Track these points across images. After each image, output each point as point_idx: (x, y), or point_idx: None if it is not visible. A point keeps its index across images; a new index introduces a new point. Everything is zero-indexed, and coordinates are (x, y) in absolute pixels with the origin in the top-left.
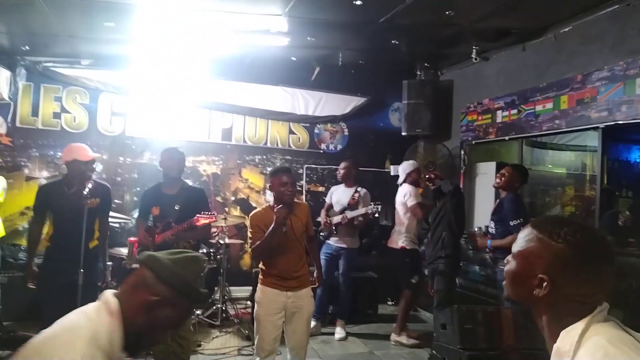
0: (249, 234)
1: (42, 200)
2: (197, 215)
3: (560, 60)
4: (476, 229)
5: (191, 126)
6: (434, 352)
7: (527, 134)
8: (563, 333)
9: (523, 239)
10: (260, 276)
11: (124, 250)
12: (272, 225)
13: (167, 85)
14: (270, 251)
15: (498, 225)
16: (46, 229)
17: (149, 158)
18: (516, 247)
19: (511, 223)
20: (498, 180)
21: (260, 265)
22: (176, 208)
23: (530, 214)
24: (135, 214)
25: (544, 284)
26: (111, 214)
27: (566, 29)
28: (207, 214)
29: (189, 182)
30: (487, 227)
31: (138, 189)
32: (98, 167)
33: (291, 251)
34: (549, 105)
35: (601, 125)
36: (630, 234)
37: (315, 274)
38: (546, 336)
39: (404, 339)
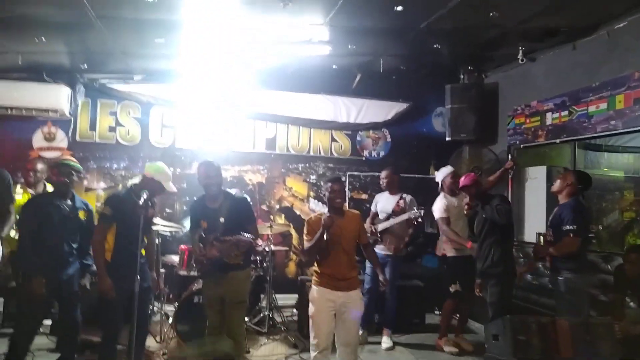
0: (304, 237)
1: (114, 209)
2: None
3: (614, 58)
4: (540, 237)
5: (236, 136)
6: None
7: (579, 137)
8: None
9: None
10: (314, 277)
11: (176, 258)
12: (320, 230)
13: (213, 97)
14: (319, 252)
15: (555, 232)
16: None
17: (197, 168)
18: None
19: (564, 228)
20: (557, 187)
21: (314, 268)
22: (221, 221)
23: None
24: (185, 222)
25: None
26: (162, 222)
27: (620, 25)
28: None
29: (232, 191)
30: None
31: (187, 198)
32: None
33: (341, 254)
34: (603, 106)
35: None
36: None
37: (380, 278)
38: None
39: (444, 345)
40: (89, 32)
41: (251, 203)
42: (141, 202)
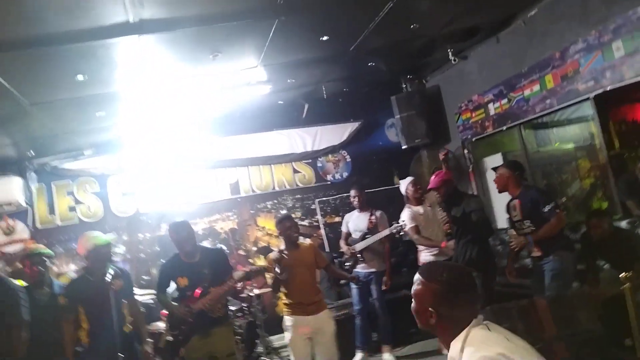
0: (267, 274)
1: (71, 297)
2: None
3: (535, 43)
4: (508, 235)
5: (199, 188)
6: None
7: (522, 120)
8: (452, 344)
9: (414, 282)
10: (285, 308)
11: (162, 325)
12: (277, 270)
13: (167, 156)
14: (281, 285)
15: (533, 221)
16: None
17: (166, 229)
18: (412, 290)
19: (545, 210)
20: (501, 186)
21: (283, 299)
22: (206, 273)
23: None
24: None
25: (432, 314)
26: (143, 290)
27: (533, 13)
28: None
29: (206, 244)
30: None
31: (162, 260)
32: (121, 248)
33: (303, 282)
34: (536, 88)
35: (591, 95)
36: None
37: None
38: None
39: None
40: (27, 120)
41: (227, 251)
42: (108, 278)
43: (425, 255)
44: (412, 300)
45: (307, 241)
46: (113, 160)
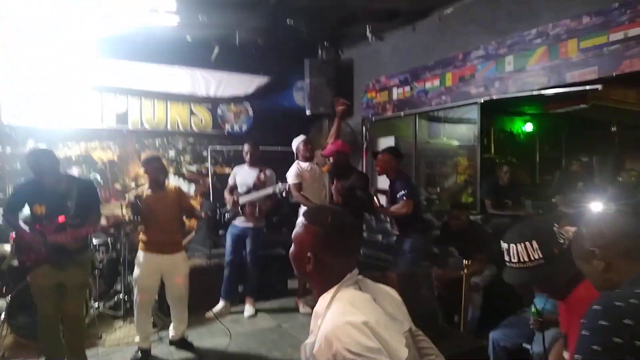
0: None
1: None
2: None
3: (444, 40)
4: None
5: (81, 110)
6: None
7: (419, 110)
8: (320, 298)
9: (297, 226)
10: (140, 244)
11: (8, 247)
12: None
13: (48, 67)
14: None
15: (392, 202)
16: None
17: (34, 147)
18: (293, 234)
19: (398, 195)
20: (382, 169)
21: (141, 236)
22: (69, 205)
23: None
24: None
25: (311, 260)
26: None
27: (448, 11)
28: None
29: (73, 173)
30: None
31: (23, 179)
32: None
33: (164, 223)
34: (437, 83)
35: (480, 100)
36: (508, 195)
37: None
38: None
39: (300, 305)
40: None
41: (102, 182)
42: None
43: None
44: (292, 245)
45: (174, 186)
46: None
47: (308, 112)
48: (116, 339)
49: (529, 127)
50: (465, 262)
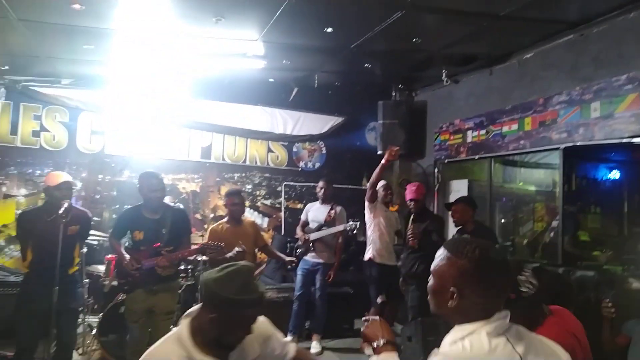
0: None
1: (23, 228)
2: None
3: (523, 84)
4: None
5: (171, 144)
6: None
7: (495, 154)
8: (456, 327)
9: (437, 258)
10: None
11: (102, 268)
12: (230, 255)
13: (147, 104)
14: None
15: None
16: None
17: (128, 176)
18: (432, 266)
19: None
20: (460, 221)
21: None
22: (163, 232)
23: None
24: None
25: (454, 295)
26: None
27: (528, 55)
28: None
29: (169, 202)
30: None
31: (117, 206)
32: (77, 185)
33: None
34: (514, 127)
35: (561, 146)
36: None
37: (286, 260)
38: None
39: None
40: (11, 34)
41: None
42: (61, 211)
43: (369, 252)
44: (431, 278)
45: (254, 219)
46: (90, 96)
47: (379, 152)
48: None
49: (615, 174)
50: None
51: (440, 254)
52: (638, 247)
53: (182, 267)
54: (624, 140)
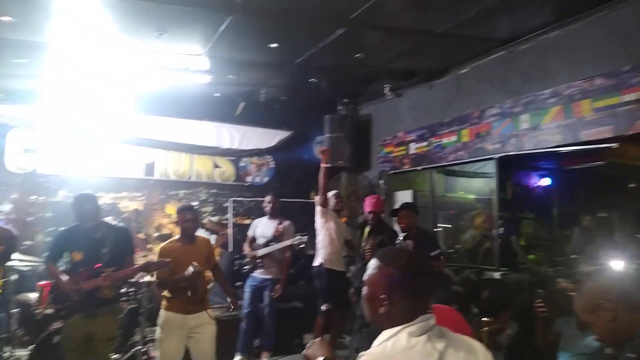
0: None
1: None
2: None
3: (460, 98)
4: None
5: (111, 161)
6: None
7: (436, 165)
8: (383, 332)
9: (369, 268)
10: (163, 302)
11: (34, 296)
12: (188, 276)
13: (85, 120)
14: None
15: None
16: None
17: (65, 196)
18: (366, 276)
19: (432, 253)
20: (404, 225)
21: (164, 293)
22: (104, 252)
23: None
24: None
25: (385, 302)
26: (21, 256)
27: (464, 71)
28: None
29: (111, 221)
30: None
31: (52, 228)
32: (6, 207)
33: (193, 280)
34: (453, 138)
35: (496, 156)
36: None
37: (230, 301)
38: None
39: None
40: None
41: None
42: None
43: (320, 257)
44: (364, 288)
45: (205, 236)
46: (21, 111)
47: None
48: None
49: (545, 181)
50: (485, 320)
51: (372, 264)
52: (566, 250)
53: (123, 290)
54: (550, 150)
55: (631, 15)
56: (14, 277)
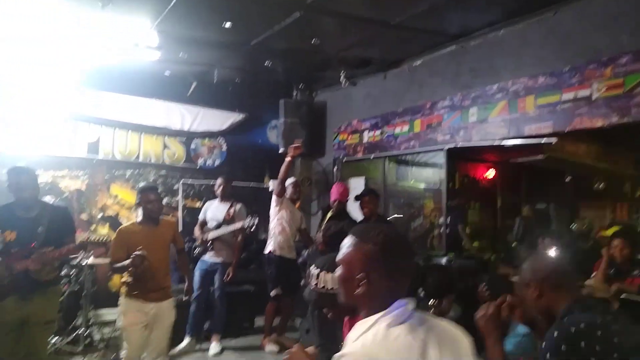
0: (112, 248)
1: None
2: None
3: (413, 89)
4: None
5: (51, 138)
6: None
7: (388, 153)
8: (358, 324)
9: (344, 247)
10: (124, 288)
11: None
12: (128, 262)
13: (22, 95)
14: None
15: None
16: None
17: (1, 174)
18: (340, 255)
19: None
20: (368, 211)
21: (124, 279)
22: (39, 231)
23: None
24: None
25: (362, 282)
26: None
27: (417, 62)
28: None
29: (49, 200)
30: None
31: None
32: None
33: (155, 264)
34: (406, 128)
35: (445, 147)
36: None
37: (185, 286)
38: None
39: (266, 345)
40: None
41: None
42: None
43: (270, 245)
44: (339, 268)
45: (169, 219)
46: None
47: (281, 150)
48: None
49: (490, 173)
50: (431, 302)
51: (347, 241)
52: (508, 237)
53: (64, 272)
54: (495, 143)
55: (571, 19)
56: None
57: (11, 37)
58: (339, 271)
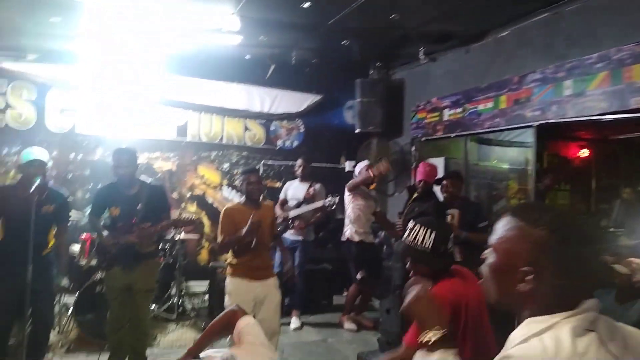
0: (220, 227)
1: None
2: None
3: (499, 63)
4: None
5: (145, 122)
6: (380, 336)
7: (470, 132)
8: (528, 321)
9: (502, 228)
10: (229, 269)
11: (76, 247)
12: (246, 229)
13: (119, 81)
14: (239, 247)
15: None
16: None
17: (102, 155)
18: (494, 239)
19: (480, 225)
20: (450, 194)
21: (230, 259)
22: (139, 208)
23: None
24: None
25: (528, 277)
26: None
27: (504, 34)
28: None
29: (146, 179)
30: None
31: (90, 185)
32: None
33: (259, 245)
34: (490, 105)
35: (535, 124)
36: None
37: (287, 267)
38: None
39: (345, 322)
40: None
41: None
42: (32, 189)
43: (355, 235)
44: (491, 255)
45: (269, 202)
46: (59, 72)
47: (357, 130)
48: (170, 341)
49: (584, 152)
50: None
51: (507, 223)
52: (604, 223)
53: (160, 246)
54: (594, 118)
55: None
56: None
57: (106, 30)
58: (491, 259)
